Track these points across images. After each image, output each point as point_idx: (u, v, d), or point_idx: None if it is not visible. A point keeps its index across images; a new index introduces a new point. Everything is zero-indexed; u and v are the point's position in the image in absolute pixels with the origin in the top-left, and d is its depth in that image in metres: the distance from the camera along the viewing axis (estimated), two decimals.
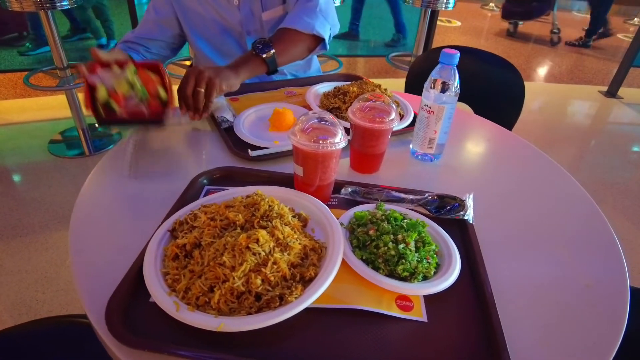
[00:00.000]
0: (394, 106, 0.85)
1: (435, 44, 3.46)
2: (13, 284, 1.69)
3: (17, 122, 2.85)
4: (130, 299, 0.56)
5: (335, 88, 1.19)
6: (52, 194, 2.18)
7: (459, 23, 6.05)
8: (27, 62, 3.60)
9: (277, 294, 0.54)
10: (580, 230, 0.81)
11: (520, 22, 5.68)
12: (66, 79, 2.45)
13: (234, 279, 0.53)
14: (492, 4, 7.00)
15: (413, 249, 0.62)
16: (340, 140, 0.71)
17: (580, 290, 0.66)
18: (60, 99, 2.84)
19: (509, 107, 1.60)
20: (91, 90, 0.88)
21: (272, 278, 0.55)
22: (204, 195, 0.78)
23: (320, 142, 0.69)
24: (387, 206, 0.73)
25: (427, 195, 0.77)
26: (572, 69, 4.67)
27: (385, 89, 1.20)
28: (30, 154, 2.50)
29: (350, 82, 1.24)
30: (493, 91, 1.63)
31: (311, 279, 0.58)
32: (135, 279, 0.58)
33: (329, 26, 1.23)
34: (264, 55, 1.06)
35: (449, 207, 0.75)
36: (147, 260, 0.59)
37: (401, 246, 0.61)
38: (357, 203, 0.77)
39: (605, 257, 0.74)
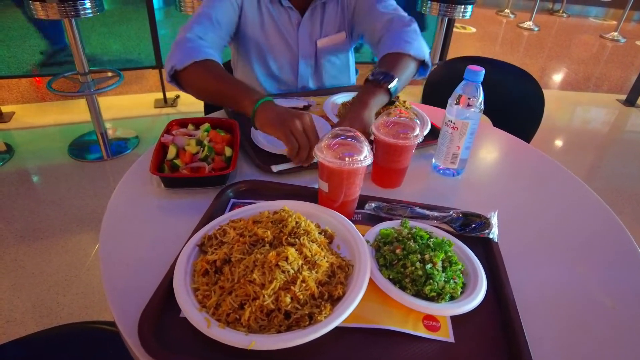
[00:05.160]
0: (418, 122, 0.85)
1: (451, 50, 3.45)
2: (34, 285, 1.72)
3: (38, 126, 2.91)
4: (161, 314, 0.57)
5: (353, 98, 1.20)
6: (72, 197, 2.22)
7: (473, 29, 6.02)
8: (49, 67, 3.67)
9: (307, 312, 0.54)
10: (603, 246, 0.80)
11: None
12: (87, 84, 2.50)
13: (264, 296, 0.54)
14: (507, 10, 6.95)
15: (440, 269, 0.62)
16: (365, 157, 0.71)
17: (606, 310, 0.66)
18: (81, 103, 2.90)
19: (528, 118, 1.59)
20: (162, 149, 0.90)
21: (301, 296, 0.56)
22: (230, 209, 0.79)
23: (346, 159, 0.70)
24: (412, 223, 0.73)
25: (451, 212, 0.77)
26: (589, 76, 4.61)
27: (405, 101, 1.21)
28: (50, 157, 2.55)
29: None
30: (511, 102, 1.62)
31: (339, 298, 0.58)
32: (165, 293, 0.59)
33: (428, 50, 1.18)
34: (389, 86, 0.99)
35: (473, 225, 0.75)
36: (177, 276, 0.60)
37: (428, 266, 0.61)
38: (381, 219, 0.77)
39: (630, 273, 0.74)
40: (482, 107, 0.87)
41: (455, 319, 0.60)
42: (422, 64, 1.16)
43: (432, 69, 1.82)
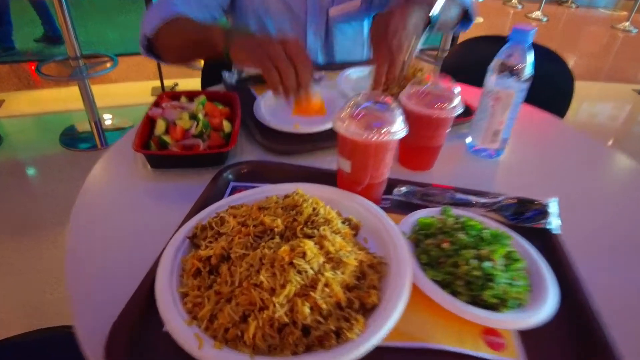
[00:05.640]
0: (455, 91, 0.71)
1: (460, 40, 3.30)
2: (22, 283, 1.61)
3: (28, 114, 2.79)
4: (138, 329, 0.43)
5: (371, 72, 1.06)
6: (64, 188, 2.10)
7: (481, 19, 5.86)
8: (41, 53, 3.54)
9: (332, 328, 0.40)
10: None
11: None
12: (79, 69, 2.36)
13: (274, 305, 0.40)
14: (514, 1, 6.77)
15: (502, 267, 0.48)
16: (399, 129, 0.57)
17: None
18: (73, 90, 2.78)
19: (557, 101, 1.45)
20: (150, 124, 0.77)
21: (323, 305, 0.42)
22: (230, 194, 0.65)
23: (375, 130, 0.56)
24: (454, 211, 0.59)
25: (501, 198, 0.63)
26: (602, 67, 4.45)
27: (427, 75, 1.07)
28: (41, 147, 2.44)
29: None
30: (539, 83, 1.48)
31: (373, 307, 0.44)
32: (145, 300, 0.46)
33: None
34: (431, 11, 0.82)
35: (528, 214, 0.61)
36: (161, 277, 0.46)
37: (487, 264, 0.47)
38: (414, 206, 0.63)
39: None
40: (532, 73, 0.73)
41: (523, 334, 0.46)
42: (464, 17, 1.03)
43: (448, 51, 1.69)
